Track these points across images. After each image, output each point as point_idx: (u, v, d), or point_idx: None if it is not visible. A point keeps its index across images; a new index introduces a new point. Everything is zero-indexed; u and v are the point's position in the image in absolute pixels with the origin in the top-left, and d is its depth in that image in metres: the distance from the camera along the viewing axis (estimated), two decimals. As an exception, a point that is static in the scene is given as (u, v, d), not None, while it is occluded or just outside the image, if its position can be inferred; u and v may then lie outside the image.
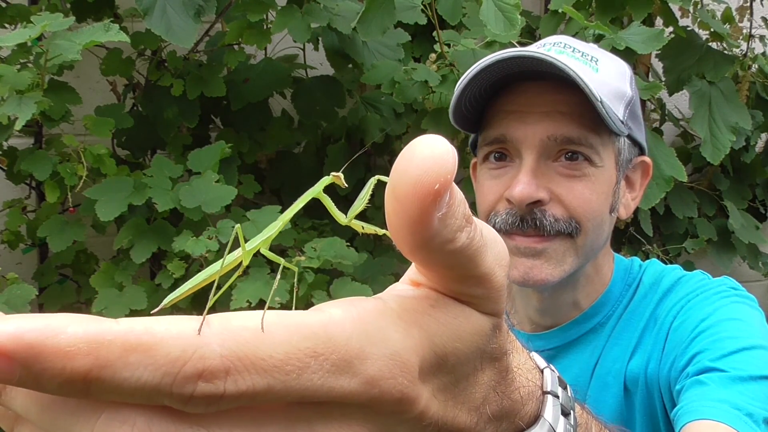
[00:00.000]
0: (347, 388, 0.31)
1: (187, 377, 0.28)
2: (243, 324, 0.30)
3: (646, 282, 1.00)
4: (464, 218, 0.32)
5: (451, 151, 0.31)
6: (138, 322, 0.28)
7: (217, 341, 0.28)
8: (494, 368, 0.38)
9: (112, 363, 0.27)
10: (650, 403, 0.93)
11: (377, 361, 0.31)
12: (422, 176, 0.30)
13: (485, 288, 0.35)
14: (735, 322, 0.89)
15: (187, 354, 0.28)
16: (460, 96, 0.93)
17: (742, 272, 2.47)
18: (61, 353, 0.26)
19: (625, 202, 1.00)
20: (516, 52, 0.89)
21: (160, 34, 1.46)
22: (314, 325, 0.31)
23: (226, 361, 0.28)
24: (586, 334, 1.00)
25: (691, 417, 0.78)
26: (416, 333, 0.33)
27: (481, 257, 0.34)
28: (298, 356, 0.30)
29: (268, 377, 0.29)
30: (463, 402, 0.37)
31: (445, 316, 0.35)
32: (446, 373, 0.35)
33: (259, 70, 1.87)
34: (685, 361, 0.87)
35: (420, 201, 0.30)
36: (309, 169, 2.05)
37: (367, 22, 1.56)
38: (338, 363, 0.30)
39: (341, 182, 0.41)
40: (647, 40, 1.57)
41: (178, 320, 0.29)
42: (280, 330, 0.30)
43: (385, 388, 0.32)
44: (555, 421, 0.43)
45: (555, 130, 0.90)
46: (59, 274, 1.83)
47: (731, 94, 1.98)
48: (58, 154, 1.58)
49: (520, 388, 0.41)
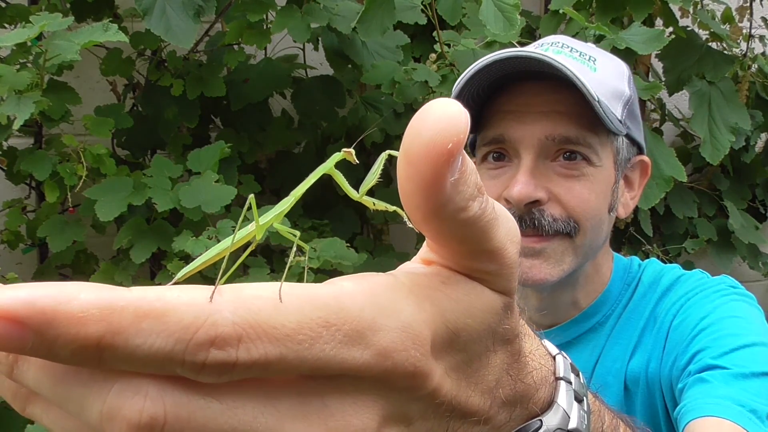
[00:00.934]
0: (360, 360, 0.31)
1: (200, 344, 0.28)
2: (255, 293, 0.30)
3: (646, 281, 1.01)
4: (476, 187, 0.32)
5: (464, 113, 0.30)
6: (150, 290, 0.28)
7: (230, 308, 0.28)
8: (506, 350, 0.38)
9: (124, 329, 0.27)
10: (651, 402, 0.93)
11: (390, 333, 0.31)
12: (435, 136, 0.30)
13: (497, 263, 0.35)
14: (735, 319, 0.89)
15: (199, 320, 0.28)
16: (458, 96, 0.93)
17: (742, 272, 2.47)
18: (74, 319, 0.26)
19: (624, 202, 1.00)
20: (514, 52, 0.89)
21: (159, 34, 1.46)
22: (326, 295, 0.31)
23: (238, 328, 0.28)
24: (585, 333, 1.00)
25: (694, 414, 0.78)
26: (428, 307, 0.33)
27: (493, 230, 0.34)
28: (310, 326, 0.29)
29: (280, 346, 0.29)
30: (476, 383, 0.37)
31: (456, 292, 0.35)
32: (458, 351, 0.35)
33: (258, 70, 1.87)
34: (687, 360, 0.87)
35: (434, 161, 0.30)
36: (309, 169, 2.01)
37: (367, 22, 1.56)
38: (350, 333, 0.30)
39: (352, 158, 0.41)
40: (648, 41, 1.57)
41: (190, 288, 0.29)
42: (292, 299, 0.30)
43: (398, 360, 0.31)
44: (569, 406, 0.43)
45: (553, 130, 0.90)
46: (59, 274, 1.83)
47: (731, 94, 1.98)
48: (57, 154, 1.58)
49: (533, 372, 0.41)
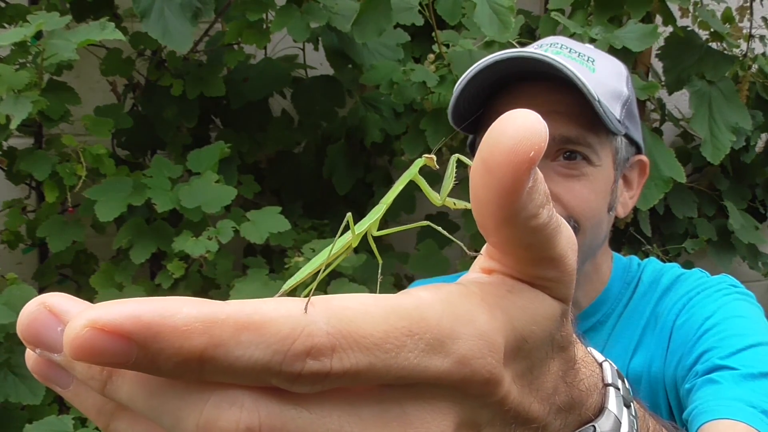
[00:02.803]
0: (441, 367, 0.31)
1: (297, 354, 0.28)
2: (344, 304, 0.30)
3: (646, 280, 1.01)
4: (545, 195, 0.33)
5: (543, 122, 0.31)
6: (247, 303, 0.29)
7: (323, 319, 0.29)
8: (562, 357, 0.39)
9: (225, 341, 0.27)
10: (654, 401, 0.93)
11: (468, 341, 0.32)
12: (517, 144, 0.30)
13: (559, 270, 0.36)
14: (740, 319, 0.90)
15: (296, 331, 0.28)
16: (458, 97, 0.93)
17: (742, 272, 2.47)
18: (178, 332, 0.27)
19: (623, 201, 1.00)
20: (513, 53, 0.89)
21: (156, 37, 1.46)
22: (407, 305, 0.31)
23: (331, 338, 0.29)
24: (585, 333, 1.00)
25: (707, 417, 0.78)
26: (499, 315, 0.34)
27: (557, 238, 0.35)
28: (395, 335, 0.30)
29: (370, 355, 0.29)
30: (537, 389, 0.37)
31: (521, 300, 0.36)
32: (524, 358, 0.36)
33: (258, 70, 1.87)
34: (693, 360, 0.87)
35: (515, 168, 0.31)
36: (309, 169, 2.05)
37: (363, 23, 1.56)
38: (432, 342, 0.31)
39: (433, 164, 0.43)
40: (642, 37, 1.57)
41: (284, 301, 0.30)
42: (378, 310, 0.31)
43: (476, 368, 0.32)
44: (619, 412, 0.44)
45: (553, 130, 0.90)
46: (59, 274, 1.83)
47: (731, 94, 1.98)
48: (57, 154, 1.58)
49: (584, 379, 0.42)
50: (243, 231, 1.57)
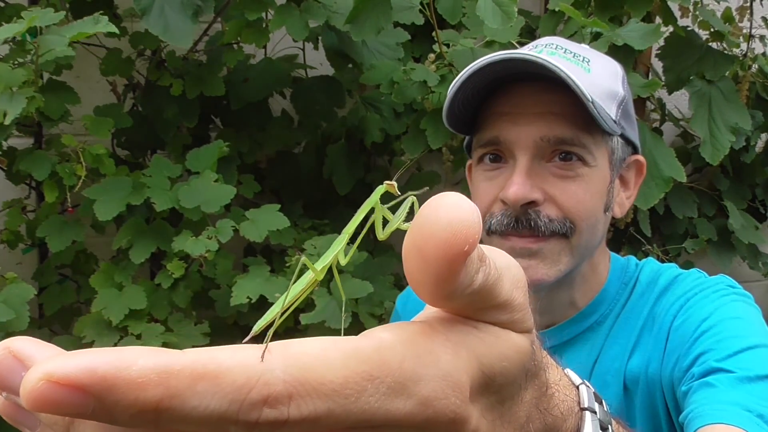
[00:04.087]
0: (403, 410, 0.31)
1: (253, 403, 0.28)
2: (302, 350, 0.30)
3: (643, 280, 1.01)
4: (479, 259, 0.33)
5: (476, 211, 0.31)
6: (203, 351, 0.29)
7: (280, 367, 0.29)
8: (534, 385, 0.39)
9: (181, 392, 0.27)
10: (651, 402, 0.93)
11: (430, 382, 0.32)
12: (452, 238, 0.30)
13: (508, 313, 0.36)
14: (737, 320, 0.89)
15: (252, 381, 0.28)
16: (453, 98, 0.93)
17: (741, 272, 2.47)
18: (133, 384, 0.27)
19: (620, 201, 1.00)
20: (507, 54, 0.89)
21: (157, 34, 1.46)
22: (368, 349, 0.31)
23: (288, 386, 0.29)
24: (583, 333, 1.00)
25: (703, 421, 0.77)
26: (464, 354, 0.34)
27: (498, 289, 0.35)
28: (355, 380, 0.30)
29: (328, 401, 0.29)
30: (509, 421, 0.37)
31: (489, 336, 0.35)
32: (493, 393, 0.36)
33: (258, 70, 1.88)
34: (690, 362, 0.87)
35: (451, 261, 0.31)
36: (309, 169, 2.05)
37: (360, 22, 1.56)
38: (393, 385, 0.31)
39: (395, 190, 0.42)
40: (644, 36, 1.57)
41: (241, 348, 0.30)
42: (337, 354, 0.30)
43: (439, 408, 0.32)
44: None
45: (548, 131, 0.91)
46: (59, 274, 1.83)
47: (731, 94, 1.98)
48: (57, 154, 1.58)
49: (559, 404, 0.42)
50: (242, 230, 1.57)
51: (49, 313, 1.78)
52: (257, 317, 1.63)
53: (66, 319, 1.82)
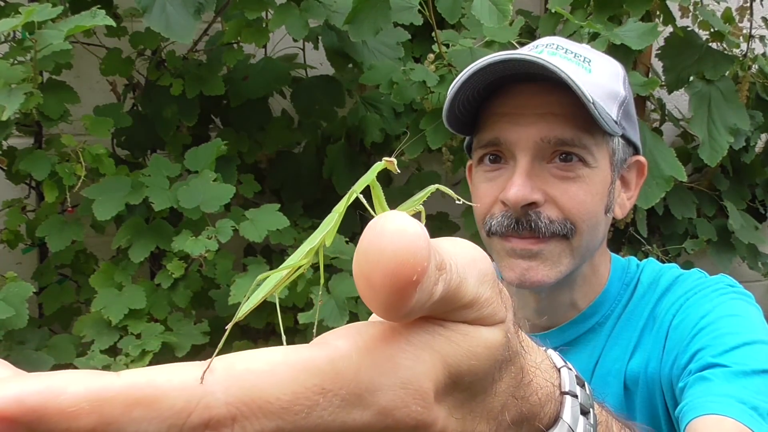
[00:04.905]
0: (360, 421, 0.30)
1: (194, 428, 0.27)
2: (247, 367, 0.29)
3: (644, 281, 1.00)
4: (437, 270, 0.31)
5: (422, 233, 0.30)
6: (140, 374, 0.28)
7: (221, 388, 0.28)
8: (510, 373, 0.38)
9: (116, 419, 0.27)
10: (651, 402, 0.93)
11: (388, 392, 0.31)
12: (399, 270, 0.29)
13: (476, 309, 0.35)
14: (734, 318, 0.89)
15: (191, 405, 0.28)
16: (453, 99, 0.92)
17: (741, 272, 2.46)
18: (64, 414, 0.26)
19: (621, 202, 1.00)
20: (507, 55, 0.89)
21: (159, 30, 1.46)
22: (320, 360, 0.30)
23: (231, 408, 0.28)
24: (584, 334, 1.00)
25: (696, 413, 0.78)
26: (427, 357, 0.33)
27: (462, 292, 0.33)
28: (305, 395, 0.29)
29: (276, 419, 0.29)
30: (481, 413, 0.37)
31: (456, 335, 0.34)
32: (462, 391, 0.35)
33: (258, 69, 1.88)
34: (687, 359, 0.87)
35: (399, 291, 0.29)
36: (309, 169, 2.05)
37: (359, 22, 1.56)
38: (348, 397, 0.30)
39: (394, 167, 0.40)
40: (642, 35, 1.57)
41: (181, 368, 0.29)
42: (285, 369, 0.29)
43: (399, 417, 0.31)
44: (574, 421, 0.43)
45: (548, 132, 0.90)
46: (59, 273, 1.83)
47: (731, 94, 1.98)
48: (57, 154, 1.58)
49: (537, 390, 0.41)
50: (242, 230, 1.57)
51: (49, 312, 1.78)
52: (257, 317, 1.62)
53: (66, 319, 1.82)
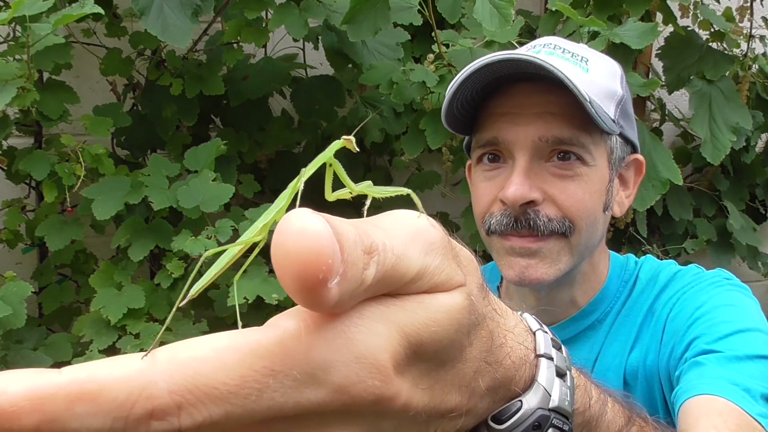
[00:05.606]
0: (315, 400, 0.30)
1: (138, 419, 0.27)
2: (192, 354, 0.29)
3: (643, 278, 1.01)
4: (366, 254, 0.31)
5: (324, 230, 0.29)
6: (81, 369, 0.28)
7: (164, 377, 0.28)
8: (480, 338, 0.37)
9: (59, 416, 0.27)
10: (650, 395, 0.94)
11: (342, 368, 0.31)
12: (304, 270, 0.28)
13: (427, 280, 0.34)
14: (729, 307, 0.90)
15: (133, 396, 0.27)
16: (451, 99, 0.93)
17: (742, 272, 2.46)
18: (5, 415, 0.26)
19: (619, 200, 1.01)
20: (505, 54, 0.89)
21: (156, 34, 1.45)
22: (268, 341, 0.30)
23: (175, 396, 0.28)
24: (584, 331, 1.01)
25: (689, 394, 0.79)
26: (382, 329, 0.32)
27: (402, 268, 0.33)
28: (254, 377, 0.29)
29: (225, 404, 0.28)
30: (451, 383, 0.36)
31: (410, 304, 0.33)
32: (427, 360, 0.34)
33: (258, 69, 1.87)
34: (683, 348, 0.88)
35: (311, 290, 0.29)
36: (309, 169, 2.05)
37: (357, 22, 1.56)
38: (300, 377, 0.30)
39: (353, 146, 0.40)
40: (642, 35, 1.56)
41: (124, 360, 0.29)
42: (231, 354, 0.29)
43: (356, 393, 0.31)
44: (549, 384, 0.43)
45: (546, 131, 0.91)
46: (58, 273, 1.83)
47: (731, 93, 1.97)
48: (57, 153, 1.58)
49: (510, 353, 0.40)
50: (241, 230, 1.56)
51: (49, 312, 1.78)
52: (256, 317, 1.62)
53: (65, 319, 1.82)
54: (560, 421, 0.43)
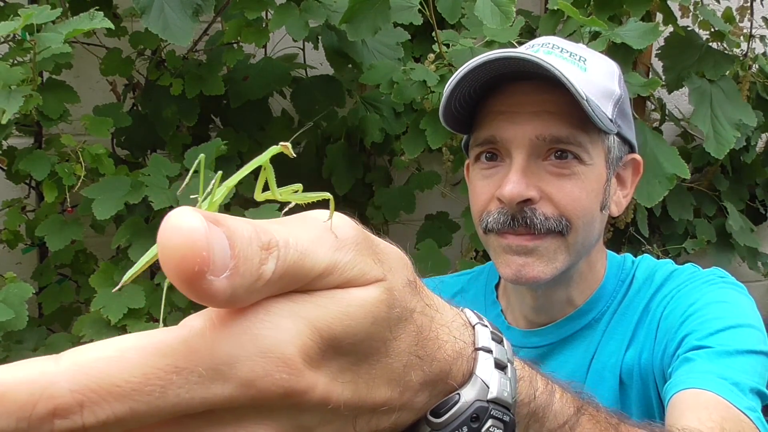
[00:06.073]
0: (222, 395, 0.31)
1: (41, 418, 0.28)
2: (96, 355, 0.30)
3: (640, 277, 1.02)
4: (262, 250, 0.32)
5: (199, 227, 0.30)
6: None
7: (66, 377, 0.29)
8: (408, 332, 0.38)
9: None
10: (645, 393, 0.95)
11: (247, 362, 0.31)
12: (181, 264, 0.29)
13: (338, 276, 0.35)
14: (721, 304, 0.91)
15: (34, 397, 0.28)
16: (449, 97, 0.93)
17: (741, 272, 2.46)
18: None
19: (617, 200, 1.01)
20: (503, 53, 0.89)
21: (157, 32, 1.46)
22: (173, 340, 0.31)
23: (77, 394, 0.28)
24: (581, 330, 1.01)
25: (678, 388, 0.79)
26: (290, 324, 0.33)
27: (308, 264, 0.33)
28: (158, 375, 0.30)
29: (129, 401, 0.29)
30: (379, 377, 0.36)
31: (321, 299, 0.34)
32: (345, 354, 0.35)
33: (258, 69, 1.87)
34: (675, 345, 0.89)
35: (190, 284, 0.30)
36: (309, 169, 2.05)
37: (357, 21, 1.56)
38: (206, 373, 0.30)
39: (289, 152, 0.41)
40: (643, 35, 1.56)
41: (29, 363, 0.29)
42: (136, 353, 0.30)
43: (264, 387, 0.31)
44: (488, 375, 0.42)
45: (544, 130, 0.91)
46: (58, 273, 1.83)
47: (732, 92, 1.97)
48: (57, 153, 1.58)
49: (443, 346, 0.40)
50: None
51: (49, 312, 1.78)
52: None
53: (65, 319, 1.82)
54: (500, 412, 0.43)
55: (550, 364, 1.01)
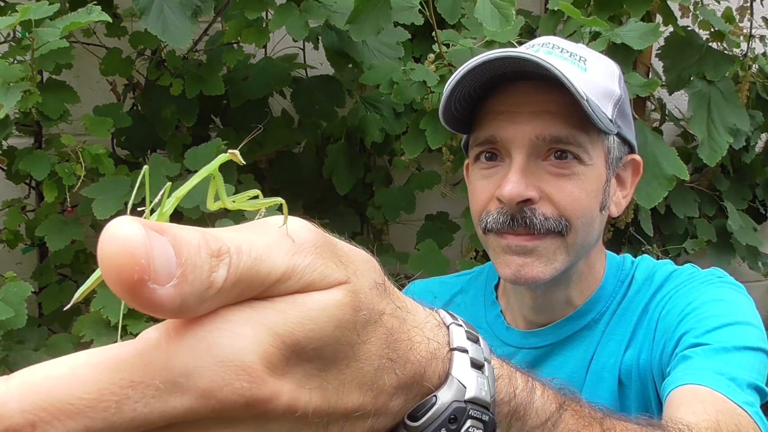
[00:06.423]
0: (182, 407, 0.30)
1: None
2: (47, 373, 0.29)
3: (639, 278, 1.02)
4: (212, 257, 0.31)
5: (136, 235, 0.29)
6: None
7: (16, 398, 0.28)
8: (377, 335, 0.37)
9: None
10: (644, 394, 0.95)
11: (205, 373, 0.31)
12: (121, 273, 0.29)
13: (297, 280, 0.34)
14: (718, 302, 0.91)
15: None
16: (449, 97, 0.93)
17: (742, 272, 2.46)
18: None
19: (616, 200, 1.01)
20: (503, 52, 0.89)
21: (156, 34, 1.46)
22: (127, 354, 0.30)
23: (28, 414, 0.28)
24: (580, 331, 1.01)
25: (675, 384, 0.80)
26: (249, 331, 0.32)
27: (264, 269, 0.33)
28: (112, 390, 0.29)
29: (83, 419, 0.29)
30: (349, 382, 0.36)
31: (281, 304, 0.33)
32: (310, 360, 0.34)
33: (258, 69, 1.87)
34: (673, 345, 0.89)
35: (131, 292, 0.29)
36: (309, 169, 2.05)
37: (360, 22, 1.56)
38: (163, 386, 0.30)
39: (238, 159, 0.41)
40: (643, 36, 1.57)
41: None
42: (89, 370, 0.29)
43: (224, 397, 0.31)
44: (464, 375, 0.42)
45: (543, 130, 0.91)
46: (58, 273, 1.83)
47: (731, 94, 1.97)
48: (57, 153, 1.58)
49: (416, 347, 0.40)
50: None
51: (49, 312, 1.78)
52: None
53: (65, 319, 1.82)
54: (478, 412, 0.42)
55: (550, 365, 1.01)
